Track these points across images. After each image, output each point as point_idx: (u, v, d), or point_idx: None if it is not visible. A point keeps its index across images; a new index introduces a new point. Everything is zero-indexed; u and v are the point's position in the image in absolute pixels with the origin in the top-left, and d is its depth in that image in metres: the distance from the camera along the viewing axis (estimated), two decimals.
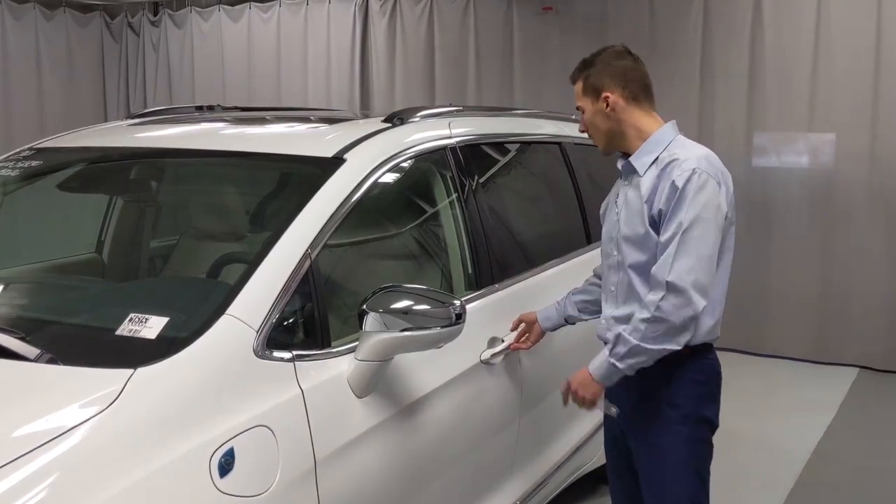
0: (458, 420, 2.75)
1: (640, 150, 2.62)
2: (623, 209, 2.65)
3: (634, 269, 2.58)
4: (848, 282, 6.24)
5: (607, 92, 2.63)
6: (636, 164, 2.62)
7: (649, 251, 2.54)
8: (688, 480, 2.62)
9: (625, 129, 2.64)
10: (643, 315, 2.46)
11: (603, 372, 2.55)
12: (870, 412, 5.49)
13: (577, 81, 2.72)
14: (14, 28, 8.40)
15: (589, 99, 2.67)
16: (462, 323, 2.36)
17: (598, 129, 2.68)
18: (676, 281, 2.42)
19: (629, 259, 2.59)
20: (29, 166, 3.06)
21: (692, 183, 2.46)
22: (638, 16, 6.79)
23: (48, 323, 2.40)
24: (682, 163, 2.50)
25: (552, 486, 3.46)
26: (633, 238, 2.58)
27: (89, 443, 1.80)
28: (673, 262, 2.43)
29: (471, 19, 7.50)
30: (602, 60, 2.68)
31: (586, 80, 2.68)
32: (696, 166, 2.48)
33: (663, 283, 2.43)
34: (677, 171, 2.49)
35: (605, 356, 2.54)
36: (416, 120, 3.07)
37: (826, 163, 6.34)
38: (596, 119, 2.67)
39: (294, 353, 2.22)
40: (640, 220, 2.56)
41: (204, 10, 8.82)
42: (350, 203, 2.51)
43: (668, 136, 2.62)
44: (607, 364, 2.53)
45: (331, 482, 2.19)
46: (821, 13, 6.17)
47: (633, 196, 2.61)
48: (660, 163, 2.57)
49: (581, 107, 2.71)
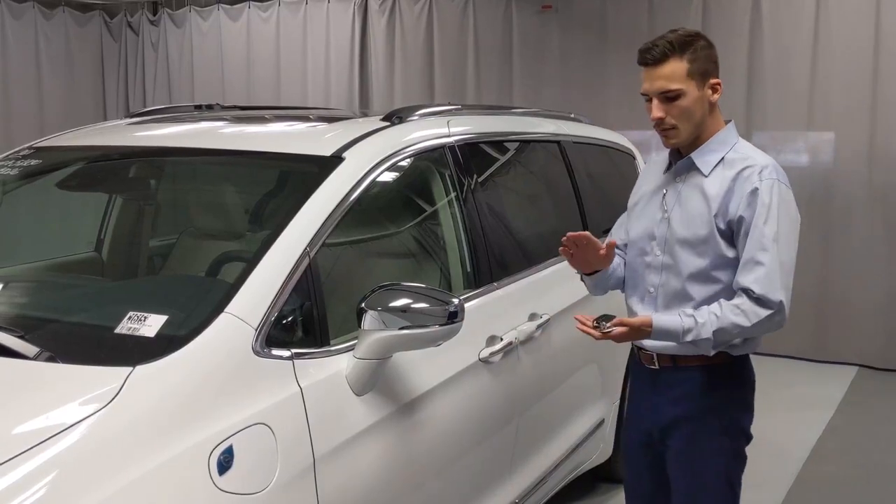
0: (457, 418, 2.75)
1: (704, 147, 2.46)
2: (676, 209, 2.49)
3: (693, 277, 2.45)
4: (847, 280, 6.25)
5: (717, 79, 2.44)
6: (699, 163, 2.46)
7: (709, 256, 2.42)
8: (722, 491, 2.54)
9: (707, 122, 2.46)
10: (742, 322, 2.34)
11: (662, 337, 2.42)
12: (869, 410, 5.49)
13: (673, 60, 2.41)
14: (13, 27, 8.40)
15: (694, 83, 2.41)
16: (460, 321, 2.36)
17: (691, 119, 2.43)
18: (787, 302, 2.35)
19: (688, 266, 2.45)
20: (28, 165, 3.06)
21: (778, 193, 2.38)
22: (637, 15, 6.80)
23: (47, 321, 2.40)
24: (761, 169, 2.39)
25: (551, 483, 3.46)
26: (694, 241, 2.44)
27: (88, 440, 1.80)
28: (780, 280, 2.34)
29: (470, 18, 7.50)
30: (705, 43, 2.45)
31: (693, 62, 2.40)
32: (778, 178, 2.40)
33: (775, 301, 2.33)
34: (757, 178, 2.38)
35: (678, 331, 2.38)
36: (414, 118, 3.07)
37: (825, 162, 6.35)
38: (696, 107, 2.42)
39: (293, 352, 2.22)
40: (702, 223, 2.42)
41: (203, 10, 8.82)
42: (349, 201, 2.52)
43: (733, 137, 2.50)
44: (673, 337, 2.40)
45: (330, 480, 2.19)
46: (819, 12, 6.17)
47: (694, 196, 2.46)
48: (729, 164, 2.43)
49: (679, 91, 2.41)
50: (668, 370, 2.54)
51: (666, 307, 2.50)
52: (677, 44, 2.41)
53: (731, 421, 2.53)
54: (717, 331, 2.37)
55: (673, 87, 2.41)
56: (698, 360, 2.48)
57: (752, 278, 2.34)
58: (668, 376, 2.54)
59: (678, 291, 2.47)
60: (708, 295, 2.43)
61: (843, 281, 6.26)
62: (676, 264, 2.48)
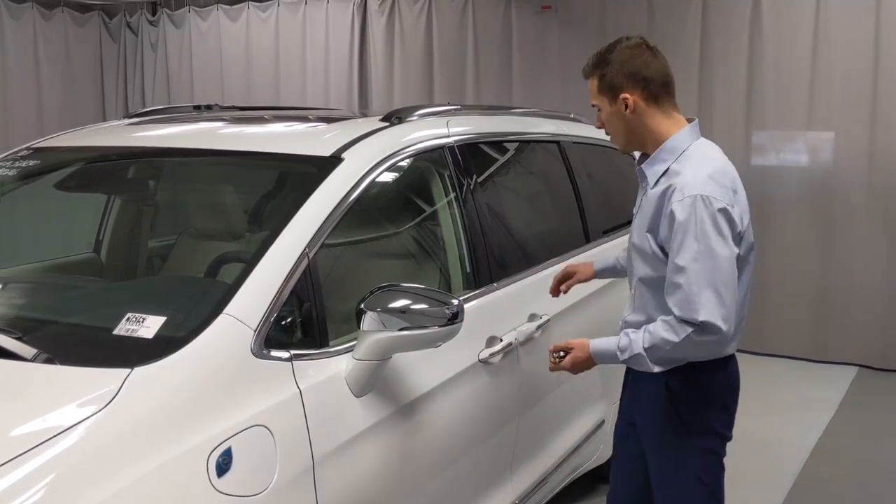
0: (457, 419, 2.74)
1: (653, 158, 2.50)
2: (638, 216, 2.57)
3: (644, 283, 2.52)
4: (847, 280, 6.24)
5: (626, 93, 2.47)
6: (648, 173, 2.51)
7: (653, 268, 2.47)
8: (693, 490, 2.56)
9: (644, 133, 2.51)
10: (669, 337, 2.36)
11: (604, 360, 2.55)
12: (869, 411, 5.49)
13: (590, 78, 2.53)
14: (12, 27, 8.39)
15: (606, 99, 2.50)
16: (460, 322, 2.36)
17: (616, 131, 2.55)
18: (710, 320, 2.30)
19: (639, 271, 2.53)
20: (27, 166, 3.05)
21: (695, 213, 2.33)
22: (636, 14, 6.79)
23: (45, 322, 2.39)
24: (683, 188, 2.37)
25: (551, 484, 3.46)
26: (640, 250, 2.52)
27: (86, 442, 1.80)
28: (698, 300, 2.31)
29: (469, 18, 7.50)
30: (618, 57, 2.48)
31: (602, 78, 2.49)
32: (698, 192, 2.35)
33: (696, 322, 2.31)
34: (677, 198, 2.37)
35: (614, 351, 2.48)
36: (414, 119, 3.07)
37: (825, 161, 6.34)
38: (613, 120, 2.52)
39: (292, 353, 2.21)
40: (647, 235, 2.48)
41: (202, 10, 8.81)
42: (348, 202, 2.51)
43: (684, 144, 2.49)
44: (613, 358, 2.50)
45: (329, 482, 2.18)
46: (819, 12, 6.17)
47: (645, 206, 2.52)
48: (668, 177, 2.45)
49: (597, 105, 2.54)
50: None
51: (634, 311, 2.59)
52: (595, 60, 2.53)
53: (698, 421, 2.53)
54: (649, 348, 2.40)
55: (593, 102, 2.55)
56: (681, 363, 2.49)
57: (673, 301, 2.36)
58: (637, 373, 2.57)
59: (639, 296, 2.56)
60: (662, 301, 2.43)
61: (843, 280, 6.25)
62: (633, 268, 2.58)
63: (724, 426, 2.59)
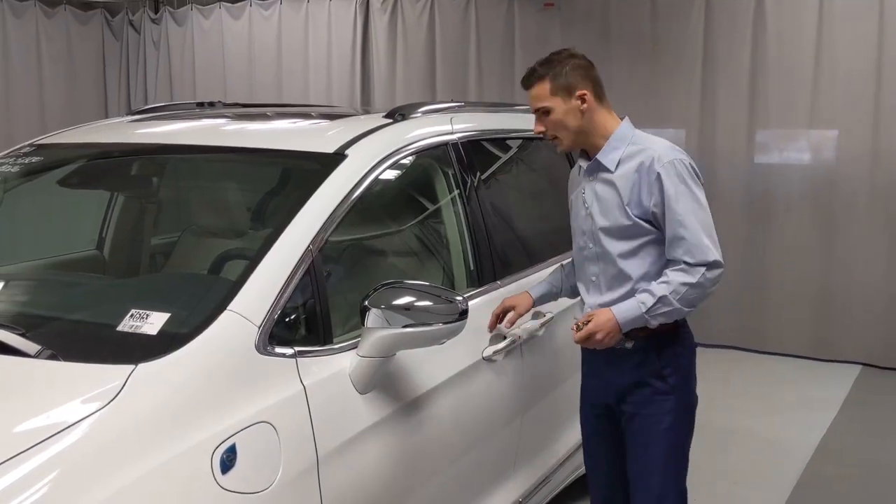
0: (461, 417, 2.74)
1: (606, 147, 2.74)
2: (595, 204, 2.75)
3: (623, 257, 2.71)
4: (850, 278, 6.23)
5: (583, 90, 2.71)
6: (605, 161, 2.73)
7: (632, 238, 2.68)
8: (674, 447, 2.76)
9: (592, 128, 2.74)
10: (687, 279, 2.59)
11: (631, 323, 2.65)
12: (872, 409, 5.48)
13: (538, 83, 2.75)
14: (15, 25, 8.38)
15: (560, 98, 2.72)
16: (464, 319, 2.35)
17: (567, 129, 2.74)
18: (717, 258, 2.62)
19: (616, 249, 2.71)
20: (30, 163, 3.05)
21: (679, 172, 2.64)
22: (639, 12, 6.78)
23: (49, 319, 2.39)
24: (660, 156, 2.66)
25: (555, 483, 3.46)
26: (615, 229, 2.71)
27: (91, 439, 1.79)
28: (703, 244, 2.61)
29: (472, 15, 7.49)
30: (565, 60, 2.75)
31: (555, 79, 2.72)
32: (674, 157, 2.66)
33: (708, 262, 2.60)
34: (658, 165, 2.64)
35: (640, 312, 2.62)
36: (417, 116, 3.06)
37: (828, 160, 6.33)
38: (568, 118, 2.72)
39: (296, 350, 2.21)
40: (621, 213, 2.69)
41: (205, 8, 8.81)
42: (352, 199, 2.51)
43: (628, 133, 2.76)
44: (640, 318, 2.63)
45: (333, 478, 2.18)
46: (823, 10, 6.15)
47: (606, 191, 2.72)
48: (629, 157, 2.70)
49: (547, 107, 2.73)
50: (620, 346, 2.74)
51: (609, 289, 2.75)
52: (542, 66, 2.78)
53: (678, 381, 2.75)
54: (674, 295, 2.61)
55: (541, 104, 2.74)
56: (644, 332, 2.69)
57: (682, 251, 2.62)
58: (619, 350, 2.73)
59: (616, 274, 2.73)
60: (644, 271, 2.69)
61: (847, 279, 6.24)
62: (606, 251, 2.73)
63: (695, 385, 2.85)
